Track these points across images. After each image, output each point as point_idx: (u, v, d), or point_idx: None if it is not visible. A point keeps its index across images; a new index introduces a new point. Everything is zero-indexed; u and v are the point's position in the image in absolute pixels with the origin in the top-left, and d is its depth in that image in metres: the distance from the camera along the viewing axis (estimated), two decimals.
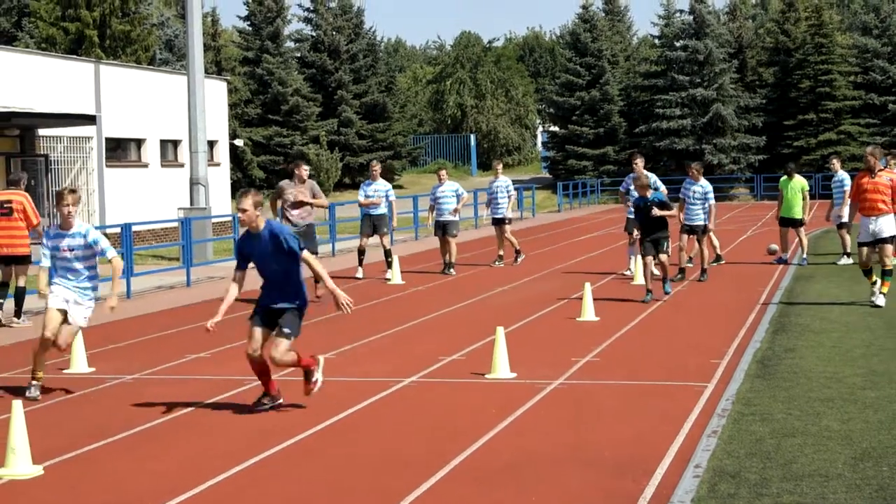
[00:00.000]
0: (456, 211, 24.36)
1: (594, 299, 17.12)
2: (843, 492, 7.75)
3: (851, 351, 13.25)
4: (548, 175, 71.43)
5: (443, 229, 24.23)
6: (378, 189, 23.34)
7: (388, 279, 22.88)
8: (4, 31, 57.84)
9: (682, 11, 66.22)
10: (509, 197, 25.48)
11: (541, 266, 25.33)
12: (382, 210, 23.34)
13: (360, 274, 23.34)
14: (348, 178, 61.46)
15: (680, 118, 62.31)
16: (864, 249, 17.30)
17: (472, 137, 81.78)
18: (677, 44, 64.76)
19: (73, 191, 12.04)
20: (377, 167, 23.83)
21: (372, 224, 23.31)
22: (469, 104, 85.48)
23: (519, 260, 25.61)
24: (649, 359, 13.31)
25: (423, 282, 22.74)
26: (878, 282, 17.20)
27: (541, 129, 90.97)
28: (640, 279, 21.07)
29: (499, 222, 25.56)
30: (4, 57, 32.68)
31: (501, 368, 12.37)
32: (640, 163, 22.11)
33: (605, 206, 57.35)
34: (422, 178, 69.62)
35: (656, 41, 70.39)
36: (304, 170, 19.50)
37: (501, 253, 25.71)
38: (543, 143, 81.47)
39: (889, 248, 17.16)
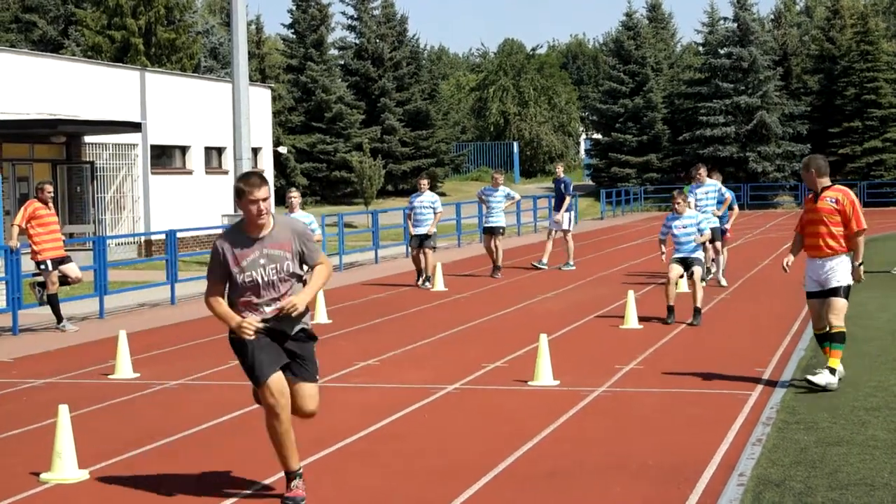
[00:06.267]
0: (431, 226, 23.37)
1: (637, 307, 17.06)
2: (890, 501, 7.69)
3: None
4: (591, 182, 71.28)
5: (420, 241, 23.43)
6: (424, 201, 23.53)
7: (427, 287, 23.00)
8: (51, 39, 58.35)
9: (726, 19, 65.85)
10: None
11: (584, 273, 25.28)
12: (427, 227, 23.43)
13: (421, 282, 23.39)
14: (391, 185, 61.61)
15: (724, 126, 61.93)
16: (814, 302, 11.98)
17: (515, 145, 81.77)
18: (721, 51, 64.39)
19: None
20: (425, 182, 23.99)
21: (419, 239, 23.40)
22: (512, 112, 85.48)
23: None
24: (693, 367, 13.25)
25: (466, 288, 22.76)
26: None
27: (584, 136, 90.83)
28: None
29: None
30: (51, 64, 32.99)
31: (544, 376, 12.36)
32: (703, 172, 21.96)
33: (648, 213, 57.11)
34: (464, 185, 69.76)
35: (700, 48, 70.08)
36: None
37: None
38: (586, 151, 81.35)
39: (839, 302, 11.66)
